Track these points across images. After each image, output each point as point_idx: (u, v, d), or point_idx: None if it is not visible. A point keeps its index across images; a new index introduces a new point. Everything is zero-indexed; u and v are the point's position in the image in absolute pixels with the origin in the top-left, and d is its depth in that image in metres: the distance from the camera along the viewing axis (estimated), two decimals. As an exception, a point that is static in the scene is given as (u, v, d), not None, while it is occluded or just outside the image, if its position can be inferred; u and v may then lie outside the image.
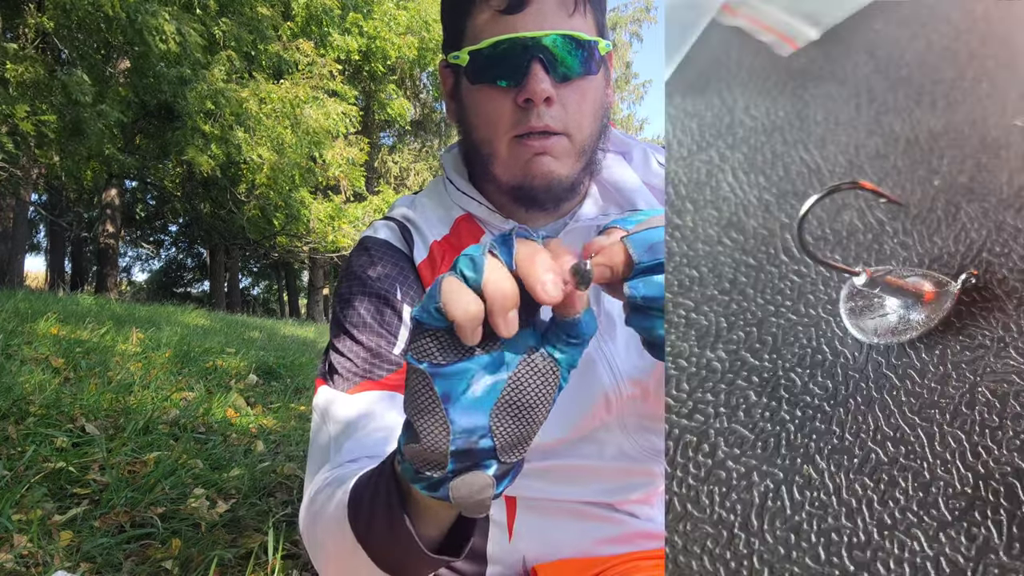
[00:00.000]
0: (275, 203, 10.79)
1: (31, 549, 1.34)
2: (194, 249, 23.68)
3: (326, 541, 0.62)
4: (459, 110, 0.84)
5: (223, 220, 12.57)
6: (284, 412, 3.10)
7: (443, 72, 0.86)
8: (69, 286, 12.51)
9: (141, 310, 6.55)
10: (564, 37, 0.74)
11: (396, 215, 0.89)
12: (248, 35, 9.83)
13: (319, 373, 0.79)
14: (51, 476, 1.70)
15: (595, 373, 0.79)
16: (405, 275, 0.82)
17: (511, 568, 0.83)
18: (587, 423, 0.79)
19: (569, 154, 0.78)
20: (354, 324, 0.77)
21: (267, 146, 9.77)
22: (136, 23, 7.29)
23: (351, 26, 12.42)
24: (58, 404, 2.24)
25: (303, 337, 7.57)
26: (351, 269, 0.84)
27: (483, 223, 0.85)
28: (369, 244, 0.85)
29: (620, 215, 0.84)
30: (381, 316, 0.77)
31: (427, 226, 0.85)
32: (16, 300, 5.00)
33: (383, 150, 17.36)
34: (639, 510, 0.83)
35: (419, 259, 0.83)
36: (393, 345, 0.76)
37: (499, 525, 0.83)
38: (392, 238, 0.86)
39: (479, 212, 0.85)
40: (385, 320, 0.77)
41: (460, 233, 0.85)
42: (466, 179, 0.86)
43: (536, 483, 0.81)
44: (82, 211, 17.40)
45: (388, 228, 0.87)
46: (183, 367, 3.53)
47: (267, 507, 1.80)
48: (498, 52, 0.75)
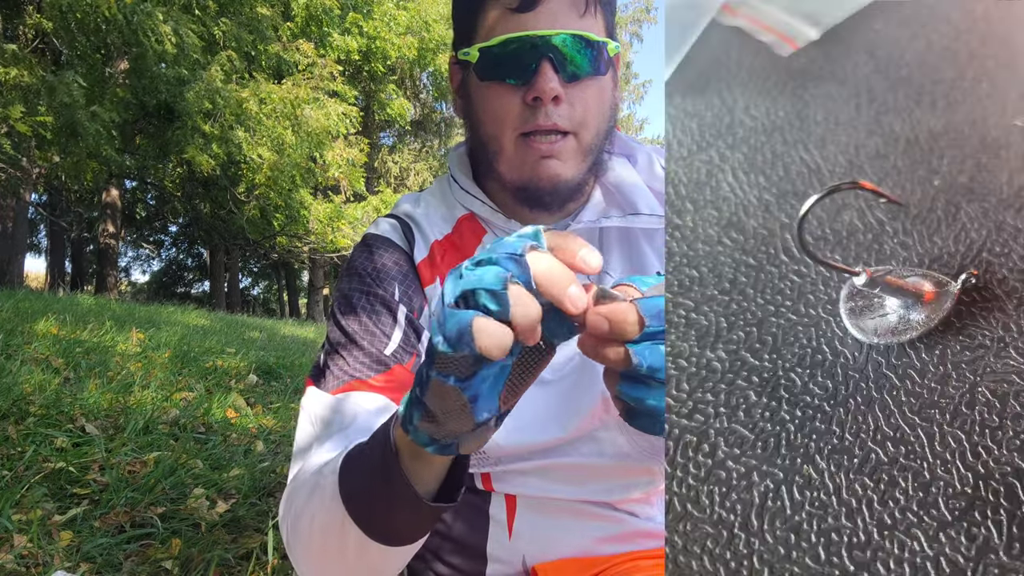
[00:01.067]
0: (275, 203, 10.78)
1: (31, 549, 1.34)
2: (194, 249, 23.69)
3: (313, 515, 0.61)
4: (467, 107, 0.84)
5: (223, 220, 12.57)
6: (284, 412, 3.10)
7: (452, 68, 0.87)
8: (69, 286, 12.51)
9: (141, 310, 6.55)
10: (574, 37, 0.74)
11: (400, 212, 0.89)
12: (248, 35, 9.83)
13: (310, 374, 0.79)
14: (51, 476, 1.70)
15: (594, 373, 0.79)
16: (404, 274, 0.82)
17: (511, 567, 0.84)
18: (586, 423, 0.80)
19: (576, 155, 0.79)
20: (349, 322, 0.77)
21: (267, 146, 9.76)
22: (132, 24, 7.28)
23: (351, 26, 12.43)
24: (58, 404, 2.24)
25: (303, 337, 7.57)
26: (352, 265, 0.84)
27: (485, 222, 0.85)
28: (371, 241, 0.86)
29: (622, 216, 0.84)
30: (376, 316, 0.78)
31: (429, 224, 0.86)
32: (16, 300, 5.00)
33: (383, 150, 17.35)
34: (639, 509, 0.84)
35: (419, 258, 0.83)
36: (385, 346, 0.76)
37: (499, 523, 0.83)
38: (394, 236, 0.86)
39: (482, 211, 0.85)
40: (380, 320, 0.77)
41: (462, 232, 0.85)
42: (470, 178, 0.87)
43: (536, 482, 0.81)
44: (82, 211, 17.40)
45: (391, 225, 0.87)
46: (183, 367, 3.53)
47: (267, 507, 1.80)
48: (508, 50, 0.75)
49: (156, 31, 7.52)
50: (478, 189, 0.86)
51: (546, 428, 0.79)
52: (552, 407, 0.79)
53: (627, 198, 0.85)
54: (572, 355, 0.80)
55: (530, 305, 0.40)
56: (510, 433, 0.76)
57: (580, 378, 0.79)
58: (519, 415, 0.75)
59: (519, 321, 0.40)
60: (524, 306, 0.40)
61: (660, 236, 0.86)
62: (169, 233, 22.85)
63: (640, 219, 0.84)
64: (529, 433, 0.78)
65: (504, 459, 0.81)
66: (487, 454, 0.80)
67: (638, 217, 0.84)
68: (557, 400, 0.79)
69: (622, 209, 0.85)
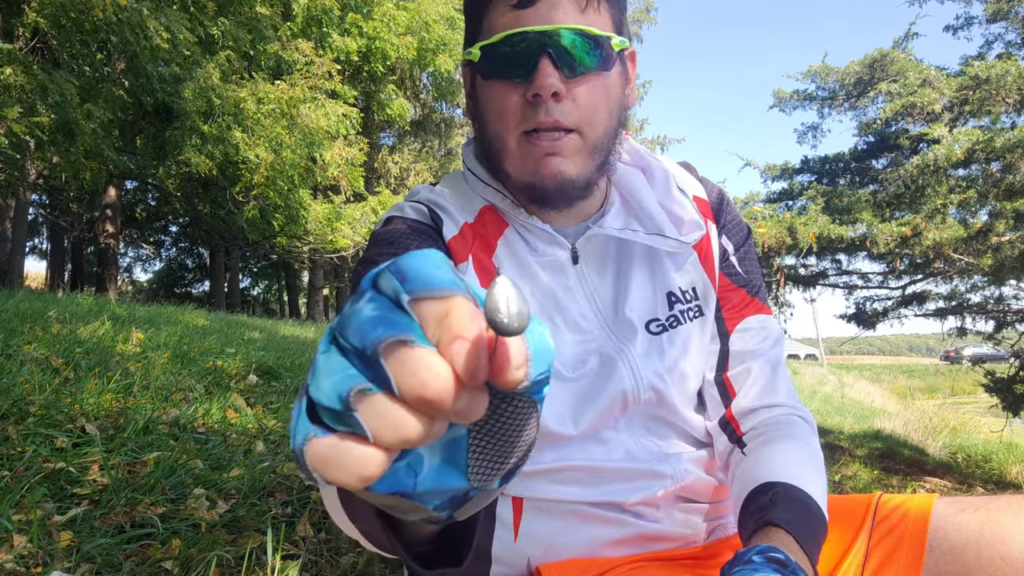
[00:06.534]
0: (274, 203, 10.77)
1: (31, 549, 1.33)
2: (194, 249, 23.68)
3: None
4: (474, 107, 0.84)
5: (223, 221, 12.56)
6: (284, 412, 3.10)
7: (463, 71, 0.87)
8: (69, 286, 12.50)
9: (141, 310, 6.55)
10: (575, 32, 0.73)
11: (421, 199, 0.89)
12: (247, 35, 9.81)
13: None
14: (51, 476, 1.70)
15: (617, 374, 0.80)
16: (438, 243, 0.82)
17: (515, 569, 0.83)
18: (601, 420, 0.80)
19: (580, 152, 0.78)
20: None
21: (264, 146, 9.75)
22: (120, 20, 7.23)
23: (351, 27, 12.42)
24: (58, 404, 2.24)
25: (303, 337, 7.57)
26: (375, 237, 0.84)
27: (506, 215, 0.86)
28: (396, 220, 0.86)
29: (648, 234, 0.84)
30: None
31: (454, 209, 0.86)
32: (16, 300, 4.99)
33: (383, 150, 17.33)
34: (646, 511, 0.83)
35: (449, 235, 0.83)
36: None
37: (505, 525, 0.83)
38: (419, 216, 0.86)
39: (503, 204, 0.85)
40: None
41: (485, 222, 0.86)
42: (488, 171, 0.87)
43: (543, 484, 0.81)
44: (82, 211, 17.39)
45: (413, 208, 0.87)
46: (183, 367, 3.53)
47: (267, 507, 1.79)
48: (508, 46, 0.74)
49: (145, 28, 7.48)
50: (498, 183, 0.86)
51: (562, 421, 0.79)
52: (569, 403, 0.80)
53: (648, 214, 0.86)
54: (591, 354, 0.81)
55: (400, 420, 0.29)
56: None
57: (597, 378, 0.80)
58: None
59: (388, 442, 0.29)
60: (389, 426, 0.29)
61: (683, 259, 0.87)
62: (169, 233, 22.86)
63: (668, 242, 0.84)
64: (546, 421, 0.78)
65: None
66: None
67: (665, 240, 0.84)
68: (574, 397, 0.80)
69: (644, 226, 0.85)
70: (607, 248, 0.86)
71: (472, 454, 0.34)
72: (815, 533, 0.68)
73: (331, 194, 13.83)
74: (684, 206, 0.87)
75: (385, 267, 0.31)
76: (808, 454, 0.79)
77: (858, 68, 4.76)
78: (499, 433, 0.34)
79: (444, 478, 0.34)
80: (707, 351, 0.90)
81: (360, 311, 0.30)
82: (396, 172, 17.42)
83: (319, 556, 1.56)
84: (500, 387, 0.30)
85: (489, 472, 0.35)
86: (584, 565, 0.81)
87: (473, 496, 0.36)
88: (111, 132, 8.71)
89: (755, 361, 0.88)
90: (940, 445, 7.20)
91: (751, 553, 0.61)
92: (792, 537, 0.66)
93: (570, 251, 0.85)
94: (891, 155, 4.81)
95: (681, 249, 0.86)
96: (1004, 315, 5.08)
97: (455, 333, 0.28)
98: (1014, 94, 3.86)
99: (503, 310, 0.28)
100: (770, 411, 0.86)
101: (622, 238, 0.84)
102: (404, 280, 0.30)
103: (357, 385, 0.29)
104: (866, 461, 4.94)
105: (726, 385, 0.89)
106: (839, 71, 4.91)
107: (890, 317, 5.46)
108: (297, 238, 12.82)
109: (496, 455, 0.35)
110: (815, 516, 0.70)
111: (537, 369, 0.31)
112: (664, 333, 0.85)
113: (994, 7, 4.75)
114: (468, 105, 0.87)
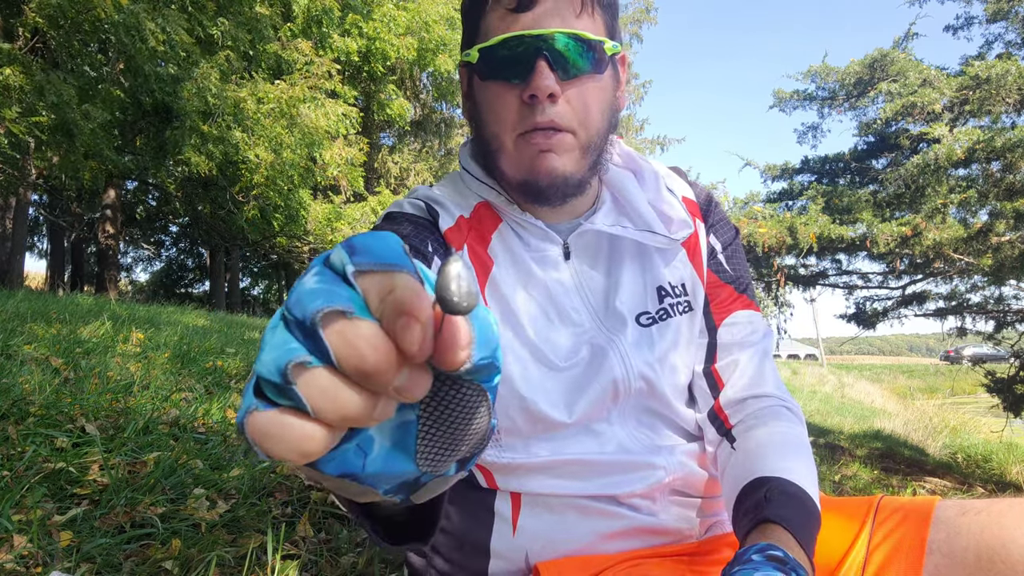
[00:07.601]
0: (274, 203, 10.77)
1: (31, 549, 1.33)
2: (194, 249, 23.69)
3: None
4: (472, 108, 0.86)
5: (223, 221, 12.56)
6: (284, 412, 3.10)
7: (461, 73, 0.89)
8: (69, 286, 12.51)
9: (141, 310, 6.55)
10: (570, 36, 0.76)
11: (419, 196, 0.92)
12: (246, 35, 9.81)
13: None
14: (51, 476, 1.70)
15: (608, 363, 0.82)
16: (435, 235, 0.85)
17: (513, 563, 0.84)
18: (594, 409, 0.82)
19: (574, 150, 0.80)
20: None
21: (264, 146, 9.75)
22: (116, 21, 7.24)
23: (351, 27, 12.42)
24: (58, 404, 2.24)
25: (303, 337, 7.55)
26: (376, 229, 0.86)
27: (500, 211, 0.88)
28: (395, 214, 0.88)
29: (638, 230, 0.87)
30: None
31: (451, 204, 0.89)
32: (16, 300, 4.99)
33: (383, 150, 17.34)
34: (642, 504, 0.85)
35: (445, 227, 0.86)
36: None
37: (504, 520, 0.85)
38: (416, 210, 0.89)
39: (497, 201, 0.87)
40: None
41: (480, 217, 0.89)
42: (484, 171, 0.89)
43: (540, 479, 0.82)
44: (82, 211, 17.39)
45: (412, 204, 0.90)
46: (183, 367, 3.53)
47: (267, 507, 1.79)
48: (505, 49, 0.77)
49: (140, 28, 7.48)
50: (492, 180, 0.88)
51: (555, 407, 0.81)
52: (562, 391, 0.82)
53: (639, 212, 0.88)
54: (583, 345, 0.82)
55: (340, 394, 0.29)
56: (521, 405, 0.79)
57: (589, 367, 0.82)
58: (531, 392, 0.79)
59: (329, 417, 0.29)
60: (329, 400, 0.28)
61: (672, 255, 0.90)
62: (169, 233, 22.86)
63: (657, 239, 0.86)
64: (540, 405, 0.81)
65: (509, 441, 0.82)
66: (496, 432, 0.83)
67: (655, 236, 0.86)
68: (567, 385, 0.82)
69: (634, 224, 0.88)
70: (598, 244, 0.89)
71: (421, 439, 0.34)
72: (810, 527, 0.69)
73: (331, 194, 13.83)
74: (673, 206, 0.90)
75: (340, 244, 0.31)
76: (798, 446, 0.80)
77: (858, 68, 4.76)
78: (448, 419, 0.34)
79: (393, 462, 0.34)
80: (696, 345, 0.92)
81: (305, 283, 0.30)
82: (396, 172, 17.43)
83: (319, 556, 1.56)
84: (444, 368, 0.30)
85: (438, 458, 0.35)
86: (582, 562, 0.81)
87: (426, 481, 0.36)
88: (110, 132, 8.71)
89: (743, 353, 0.90)
90: (940, 445, 7.20)
91: (750, 552, 0.62)
92: (789, 533, 0.67)
93: (562, 247, 0.87)
94: (891, 155, 4.81)
95: (670, 245, 0.88)
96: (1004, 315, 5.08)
97: (399, 308, 0.28)
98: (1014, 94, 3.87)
99: (453, 287, 0.28)
100: (758, 402, 0.87)
101: (613, 234, 0.87)
102: (353, 253, 0.30)
103: (297, 357, 0.28)
104: (866, 461, 4.94)
105: (714, 376, 0.90)
106: (839, 71, 4.91)
107: (890, 317, 5.47)
108: (297, 238, 12.83)
109: (445, 442, 0.35)
110: (809, 510, 0.71)
111: (480, 353, 0.31)
112: (654, 325, 0.87)
113: (994, 7, 4.76)
114: (465, 106, 0.89)
